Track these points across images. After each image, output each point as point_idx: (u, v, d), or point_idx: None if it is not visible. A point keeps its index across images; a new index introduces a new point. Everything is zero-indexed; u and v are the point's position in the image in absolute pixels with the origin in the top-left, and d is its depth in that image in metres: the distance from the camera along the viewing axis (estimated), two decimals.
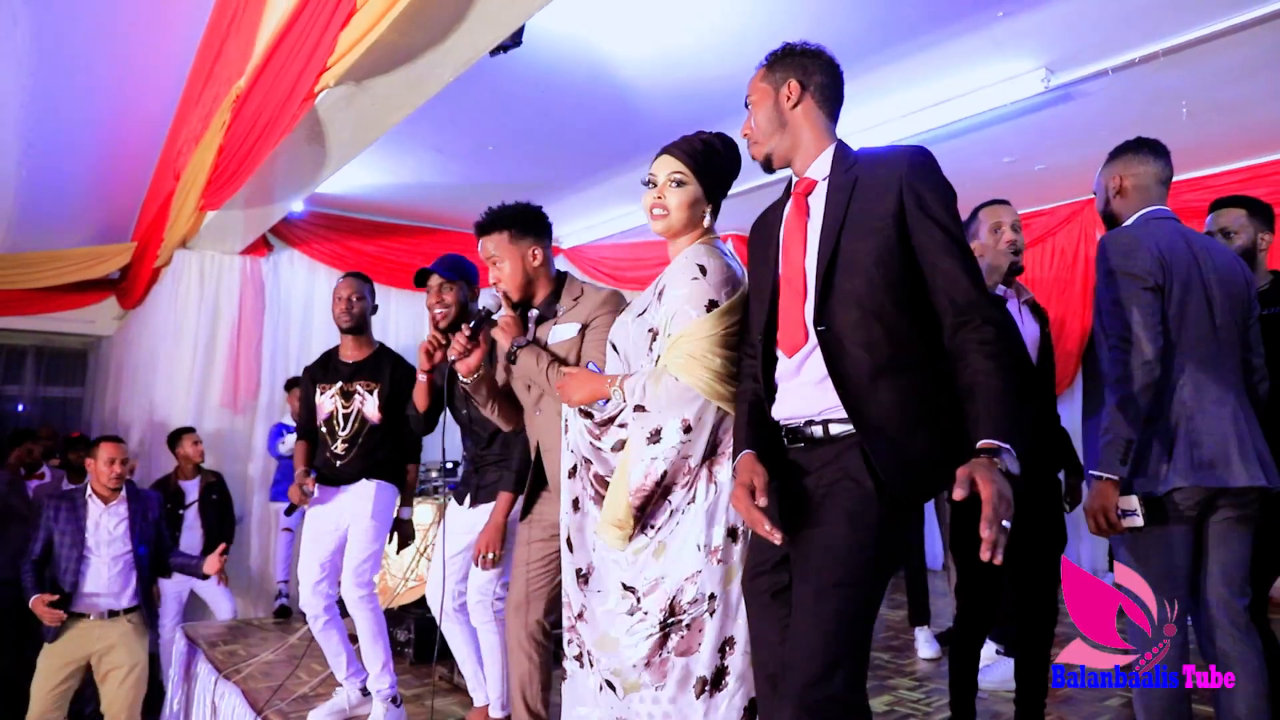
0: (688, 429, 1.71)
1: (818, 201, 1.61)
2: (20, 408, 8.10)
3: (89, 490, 3.89)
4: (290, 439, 5.42)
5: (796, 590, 1.51)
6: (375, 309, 3.35)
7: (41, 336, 7.75)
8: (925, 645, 3.84)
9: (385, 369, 3.23)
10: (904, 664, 3.77)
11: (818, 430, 1.54)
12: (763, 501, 1.46)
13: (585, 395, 1.89)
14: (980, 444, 1.34)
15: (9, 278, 6.71)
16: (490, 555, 2.67)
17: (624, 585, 1.75)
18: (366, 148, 3.95)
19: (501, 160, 5.10)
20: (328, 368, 3.29)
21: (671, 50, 3.81)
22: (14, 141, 5.50)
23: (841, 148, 1.65)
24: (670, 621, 1.70)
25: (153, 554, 3.95)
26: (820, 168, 1.64)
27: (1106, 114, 4.34)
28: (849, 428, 1.48)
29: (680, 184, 1.85)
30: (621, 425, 1.81)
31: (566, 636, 1.93)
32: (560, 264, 6.99)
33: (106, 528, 3.85)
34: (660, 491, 1.71)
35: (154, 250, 5.93)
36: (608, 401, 1.85)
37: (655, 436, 1.71)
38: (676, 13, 3.49)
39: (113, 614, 3.82)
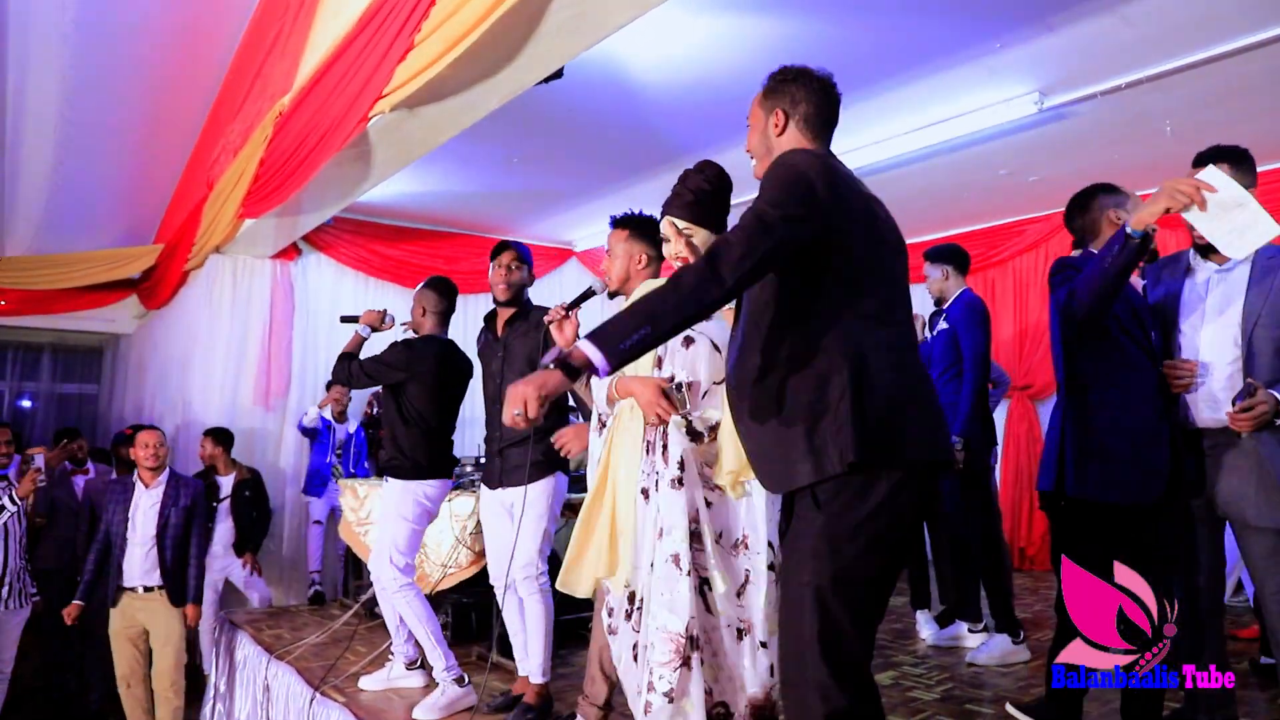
0: None
1: None
2: (31, 404, 8.31)
3: (136, 475, 4.27)
4: (313, 411, 5.68)
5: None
6: (435, 310, 3.59)
7: (57, 334, 7.95)
8: (925, 626, 4.15)
9: None
10: (906, 644, 4.08)
11: None
12: None
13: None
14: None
15: (36, 278, 6.94)
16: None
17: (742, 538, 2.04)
18: (407, 165, 4.20)
19: (525, 170, 5.37)
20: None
21: (691, 76, 4.09)
22: (51, 148, 5.73)
23: None
24: (773, 562, 2.01)
25: (176, 539, 4.20)
26: None
27: (1096, 131, 4.63)
28: None
29: (691, 238, 2.14)
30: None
31: (627, 609, 2.17)
32: (574, 266, 7.28)
33: (144, 509, 4.21)
34: None
35: (183, 253, 6.16)
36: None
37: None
38: (698, 44, 3.77)
39: (147, 590, 4.16)
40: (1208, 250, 2.33)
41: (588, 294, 2.56)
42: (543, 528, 3.04)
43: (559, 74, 3.21)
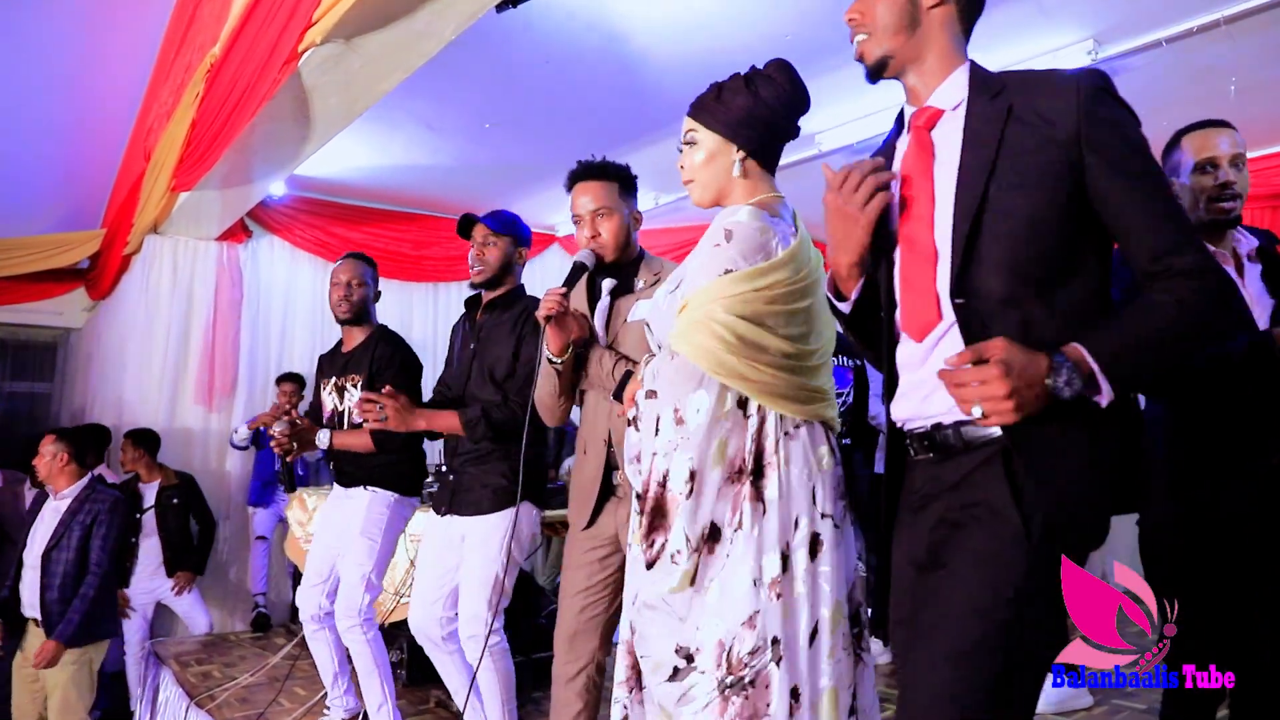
0: (679, 421, 1.41)
1: (948, 138, 1.24)
2: None
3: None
4: (244, 429, 5.04)
5: (910, 652, 1.18)
6: (378, 295, 3.02)
7: (7, 329, 7.35)
8: None
9: (366, 356, 2.85)
10: None
11: (951, 436, 1.18)
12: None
13: (628, 394, 1.57)
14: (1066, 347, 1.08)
15: None
16: None
17: (675, 647, 1.40)
18: (354, 120, 3.60)
19: (500, 139, 4.75)
20: (332, 360, 2.99)
21: (686, 17, 3.51)
22: None
23: (978, 69, 1.28)
24: (730, 682, 1.36)
25: (68, 562, 3.47)
26: (949, 94, 1.27)
27: (1150, 91, 4.04)
28: (992, 432, 1.13)
29: (691, 144, 1.61)
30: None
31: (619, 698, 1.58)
32: (557, 252, 6.65)
33: (45, 523, 3.56)
34: (656, 500, 1.41)
35: (124, 236, 5.56)
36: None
37: (657, 427, 1.44)
38: None
39: (36, 623, 3.50)
40: None
41: (579, 270, 2.02)
42: (493, 574, 2.37)
43: None
